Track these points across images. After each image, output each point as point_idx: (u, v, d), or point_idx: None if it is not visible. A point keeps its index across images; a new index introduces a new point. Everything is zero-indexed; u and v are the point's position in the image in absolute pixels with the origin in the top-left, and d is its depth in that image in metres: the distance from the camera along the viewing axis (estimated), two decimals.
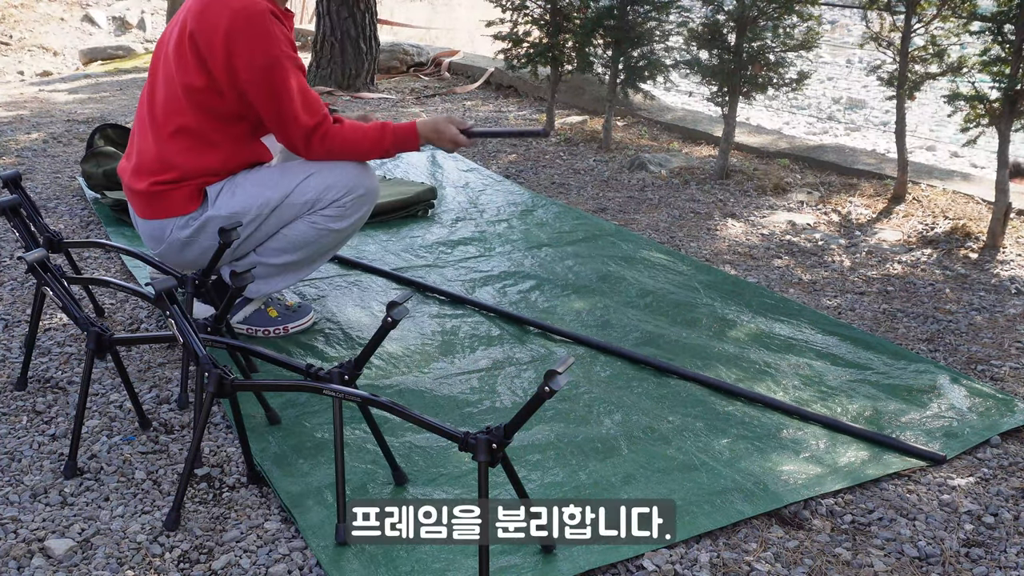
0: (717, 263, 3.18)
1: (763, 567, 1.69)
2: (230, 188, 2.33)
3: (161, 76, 2.34)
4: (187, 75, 2.24)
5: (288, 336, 2.53)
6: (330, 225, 2.39)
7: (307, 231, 2.38)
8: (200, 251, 2.36)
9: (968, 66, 3.42)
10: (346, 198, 2.37)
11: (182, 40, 2.26)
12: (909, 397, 2.28)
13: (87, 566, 1.65)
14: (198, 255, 2.38)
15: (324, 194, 2.35)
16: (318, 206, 2.36)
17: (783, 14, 3.88)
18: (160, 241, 2.38)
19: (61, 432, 2.07)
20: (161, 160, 2.29)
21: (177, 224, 2.33)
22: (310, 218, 2.37)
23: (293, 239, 2.39)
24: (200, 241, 2.35)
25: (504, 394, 2.27)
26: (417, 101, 5.91)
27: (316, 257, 2.47)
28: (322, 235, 2.40)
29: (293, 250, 2.41)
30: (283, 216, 2.37)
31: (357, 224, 2.45)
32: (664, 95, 5.89)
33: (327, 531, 1.73)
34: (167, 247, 2.38)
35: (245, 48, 2.19)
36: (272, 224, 2.38)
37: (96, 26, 7.79)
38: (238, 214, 2.32)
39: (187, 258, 2.40)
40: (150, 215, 2.35)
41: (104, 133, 3.85)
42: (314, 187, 2.35)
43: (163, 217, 2.34)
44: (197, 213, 2.33)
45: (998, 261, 3.22)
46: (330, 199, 2.36)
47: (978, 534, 1.80)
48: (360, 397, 1.69)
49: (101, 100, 5.79)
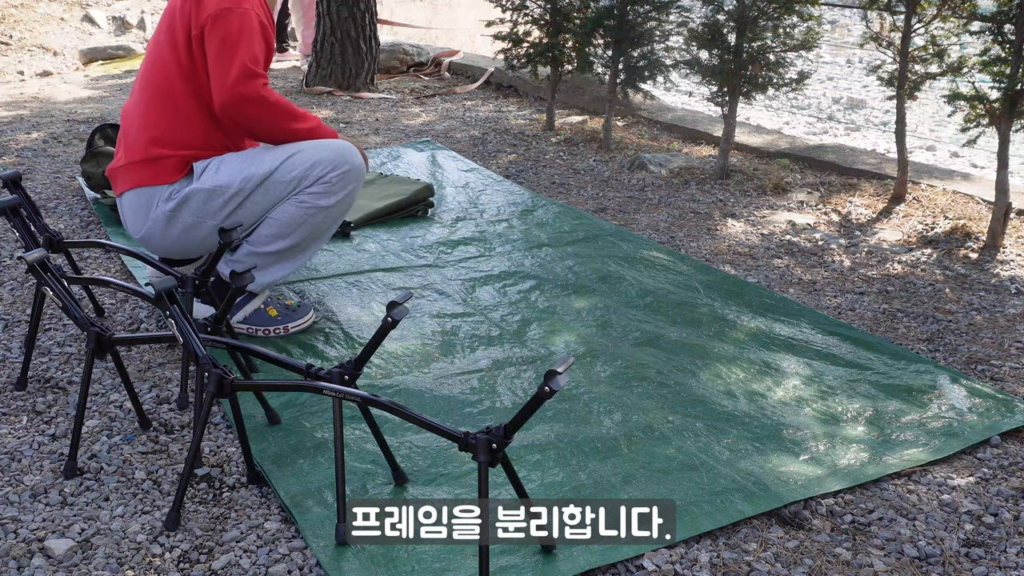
0: (717, 263, 3.18)
1: (763, 567, 1.69)
2: (216, 164, 2.38)
3: (150, 64, 2.42)
4: (176, 52, 2.33)
5: (288, 336, 2.53)
6: (318, 203, 2.40)
7: (295, 211, 2.40)
8: (183, 229, 2.39)
9: (968, 66, 3.42)
10: (332, 174, 2.39)
11: (172, 18, 2.36)
12: (909, 397, 2.28)
13: (87, 566, 1.65)
14: (181, 233, 2.40)
15: (310, 171, 2.38)
16: (304, 184, 2.39)
17: (783, 14, 3.88)
18: (144, 219, 2.41)
19: (61, 432, 2.07)
20: (149, 135, 2.36)
21: (161, 196, 2.37)
22: (297, 198, 2.40)
23: (283, 221, 2.41)
24: (182, 216, 2.38)
25: (504, 394, 2.27)
26: (417, 101, 5.91)
27: (309, 242, 2.48)
28: (311, 214, 2.41)
29: (285, 234, 2.42)
30: (269, 194, 2.38)
31: (345, 202, 2.46)
32: (664, 95, 5.89)
33: (327, 531, 1.73)
34: (152, 225, 2.40)
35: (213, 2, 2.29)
36: (258, 202, 2.39)
37: (96, 26, 7.78)
38: (221, 188, 2.35)
39: (170, 238, 2.42)
40: (136, 183, 2.39)
41: (104, 133, 3.85)
42: (300, 164, 2.38)
43: (149, 184, 2.37)
44: (181, 184, 2.37)
45: (998, 261, 3.22)
46: (316, 176, 2.38)
47: (978, 534, 1.80)
48: (360, 397, 1.69)
49: (101, 100, 5.79)
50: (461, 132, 5.04)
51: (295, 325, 2.55)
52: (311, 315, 2.60)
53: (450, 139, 4.87)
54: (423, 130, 5.10)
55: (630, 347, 2.51)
